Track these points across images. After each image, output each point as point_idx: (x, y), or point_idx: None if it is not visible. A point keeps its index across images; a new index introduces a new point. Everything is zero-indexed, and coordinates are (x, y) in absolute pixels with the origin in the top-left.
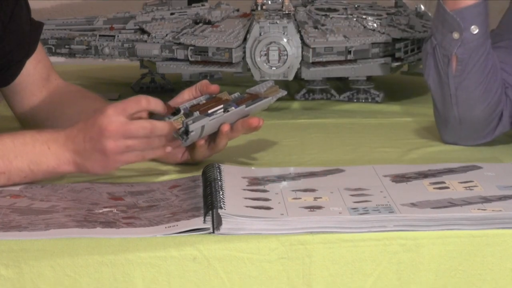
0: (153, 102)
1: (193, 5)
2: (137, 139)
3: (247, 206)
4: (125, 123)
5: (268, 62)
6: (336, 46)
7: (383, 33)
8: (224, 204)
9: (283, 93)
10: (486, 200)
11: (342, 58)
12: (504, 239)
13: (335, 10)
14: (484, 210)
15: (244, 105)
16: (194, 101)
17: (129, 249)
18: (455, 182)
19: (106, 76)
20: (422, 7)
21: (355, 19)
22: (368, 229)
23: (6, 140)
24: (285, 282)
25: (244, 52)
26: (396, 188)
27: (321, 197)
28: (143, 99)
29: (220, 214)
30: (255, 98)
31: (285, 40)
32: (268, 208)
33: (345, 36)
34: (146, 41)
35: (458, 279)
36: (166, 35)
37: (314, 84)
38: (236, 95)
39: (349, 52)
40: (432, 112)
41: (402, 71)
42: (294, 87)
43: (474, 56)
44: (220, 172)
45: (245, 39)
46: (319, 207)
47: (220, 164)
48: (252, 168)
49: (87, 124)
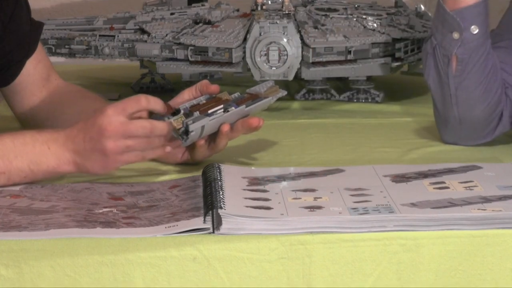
0: (153, 101)
1: (193, 5)
2: (137, 139)
3: (247, 206)
4: (125, 123)
5: (268, 62)
6: (336, 46)
7: (383, 33)
8: (224, 204)
9: (283, 93)
10: (486, 200)
11: (342, 58)
12: (504, 239)
13: (335, 10)
14: (484, 210)
15: (244, 105)
16: (194, 101)
17: (129, 249)
18: (455, 182)
19: (106, 76)
20: (422, 7)
21: (355, 19)
22: (368, 229)
23: (6, 140)
24: (285, 282)
25: (244, 52)
26: (396, 188)
27: (321, 197)
28: (143, 99)
29: (220, 214)
30: (255, 98)
31: (285, 40)
32: (268, 208)
33: (345, 36)
34: (146, 41)
35: (458, 279)
36: (166, 35)
37: (314, 84)
38: (236, 95)
39: (349, 52)
40: (432, 112)
41: (402, 71)
42: (294, 87)
43: (474, 56)
44: (220, 172)
45: (245, 39)
46: (319, 207)
47: (220, 164)
48: (252, 168)
49: (87, 124)
